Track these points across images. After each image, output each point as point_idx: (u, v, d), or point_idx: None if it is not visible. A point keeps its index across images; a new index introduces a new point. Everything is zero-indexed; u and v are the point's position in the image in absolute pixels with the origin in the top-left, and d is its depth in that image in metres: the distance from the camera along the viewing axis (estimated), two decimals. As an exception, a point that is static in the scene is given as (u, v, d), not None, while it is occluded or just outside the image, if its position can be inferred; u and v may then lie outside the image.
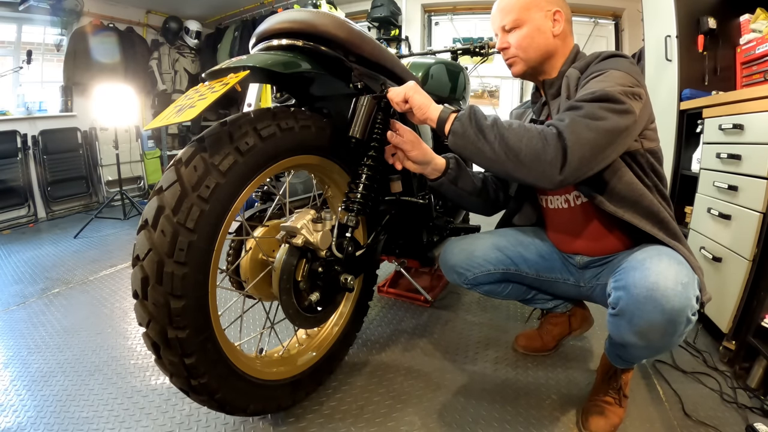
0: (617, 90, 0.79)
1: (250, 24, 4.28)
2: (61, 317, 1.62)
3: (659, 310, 0.72)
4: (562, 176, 0.77)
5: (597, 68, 0.88)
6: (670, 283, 0.72)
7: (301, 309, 0.94)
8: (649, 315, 0.73)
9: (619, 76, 0.84)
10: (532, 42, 0.98)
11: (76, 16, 3.67)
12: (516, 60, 1.01)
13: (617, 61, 0.88)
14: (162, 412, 1.07)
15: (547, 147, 0.76)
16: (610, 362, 1.04)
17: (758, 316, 1.17)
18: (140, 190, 4.24)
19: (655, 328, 0.74)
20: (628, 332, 0.79)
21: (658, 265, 0.75)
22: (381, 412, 1.07)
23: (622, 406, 1.03)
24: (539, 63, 1.00)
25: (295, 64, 0.87)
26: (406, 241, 1.41)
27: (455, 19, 4.15)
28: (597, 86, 0.82)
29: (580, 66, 0.94)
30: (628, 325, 0.78)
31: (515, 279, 1.17)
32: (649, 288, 0.73)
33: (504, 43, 1.01)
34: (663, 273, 0.74)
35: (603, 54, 0.92)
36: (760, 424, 0.99)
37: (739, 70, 1.83)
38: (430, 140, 1.42)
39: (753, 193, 1.19)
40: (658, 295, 0.72)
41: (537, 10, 0.97)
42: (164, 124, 0.80)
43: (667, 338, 0.76)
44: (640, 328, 0.76)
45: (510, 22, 0.98)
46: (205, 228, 0.74)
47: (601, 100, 0.78)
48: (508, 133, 0.80)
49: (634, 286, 0.75)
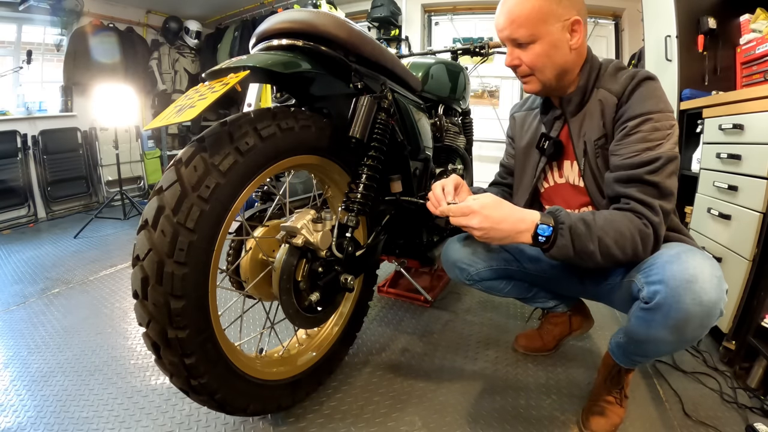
0: (670, 148, 0.82)
1: (250, 24, 4.28)
2: (61, 317, 1.62)
3: (698, 302, 0.72)
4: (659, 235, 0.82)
5: (638, 110, 0.84)
6: (707, 276, 0.73)
7: (301, 309, 0.94)
8: (687, 307, 0.73)
9: (663, 119, 0.83)
10: (548, 61, 0.89)
11: (76, 16, 3.67)
12: (531, 79, 0.94)
13: (651, 92, 0.85)
14: (162, 412, 1.07)
15: (646, 247, 0.81)
16: (615, 362, 1.02)
17: (758, 316, 1.17)
18: (140, 190, 4.24)
19: (692, 320, 0.74)
20: (661, 326, 0.78)
21: (694, 259, 0.76)
22: (381, 412, 1.07)
23: (623, 406, 1.03)
24: (556, 81, 0.93)
25: (295, 64, 0.87)
26: (406, 241, 1.41)
27: (455, 19, 4.15)
28: (651, 142, 0.82)
29: (616, 90, 0.88)
30: (663, 319, 0.77)
31: (517, 276, 1.17)
32: (688, 280, 0.73)
33: (514, 59, 0.92)
34: (700, 266, 0.74)
35: (635, 77, 0.86)
36: (760, 424, 0.99)
37: (739, 70, 1.82)
38: (430, 139, 1.42)
39: (753, 193, 1.19)
40: (697, 287, 0.72)
41: (554, 20, 0.86)
42: (164, 124, 0.80)
43: (699, 331, 0.77)
44: (677, 321, 0.75)
45: (523, 37, 0.88)
46: (205, 228, 0.74)
47: (667, 165, 0.81)
48: (608, 240, 0.80)
49: (672, 279, 0.74)
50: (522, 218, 0.82)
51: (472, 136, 1.97)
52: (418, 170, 1.32)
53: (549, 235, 0.81)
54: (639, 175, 0.81)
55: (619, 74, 0.91)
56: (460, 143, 1.71)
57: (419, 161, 1.33)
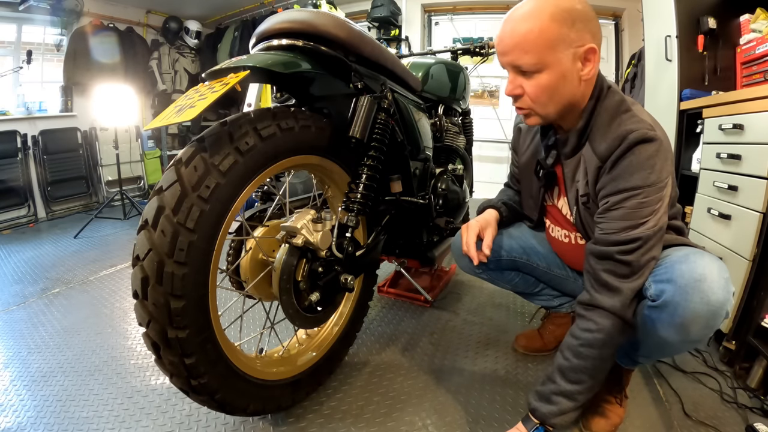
0: (653, 225, 0.76)
1: (250, 24, 4.28)
2: (61, 317, 1.62)
3: (705, 302, 0.72)
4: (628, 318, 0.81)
5: (622, 185, 0.77)
6: (715, 276, 0.72)
7: (301, 309, 0.94)
8: (695, 306, 0.72)
9: (653, 194, 0.76)
10: (554, 93, 0.79)
11: (76, 16, 3.67)
12: (530, 113, 0.84)
13: (643, 162, 0.75)
14: (162, 412, 1.07)
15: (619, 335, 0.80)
16: (616, 362, 1.02)
17: (758, 316, 1.17)
18: (140, 190, 4.24)
19: (698, 319, 0.73)
20: (667, 325, 0.77)
21: (703, 260, 0.75)
22: (381, 412, 1.07)
23: (623, 406, 1.03)
24: (559, 115, 0.84)
25: (295, 64, 0.87)
26: (406, 241, 1.41)
27: (455, 19, 4.15)
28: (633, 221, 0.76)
29: (600, 151, 0.80)
30: (670, 318, 0.76)
31: (525, 269, 1.17)
32: (696, 279, 0.72)
33: (516, 87, 0.81)
34: (709, 266, 0.74)
35: (626, 138, 0.76)
36: (760, 424, 0.99)
37: (739, 70, 1.82)
38: (430, 139, 1.42)
39: (753, 193, 1.19)
40: (705, 286, 0.71)
41: (564, 47, 0.75)
42: (164, 124, 0.80)
43: (704, 332, 0.76)
44: (683, 320, 0.74)
45: (527, 65, 0.77)
46: (205, 228, 0.74)
47: (647, 244, 0.77)
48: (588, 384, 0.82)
49: (681, 277, 0.73)
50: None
51: (472, 136, 1.98)
52: (418, 170, 1.32)
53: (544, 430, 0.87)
54: (611, 254, 0.78)
55: (612, 127, 0.79)
56: (460, 143, 1.71)
57: (419, 161, 1.33)
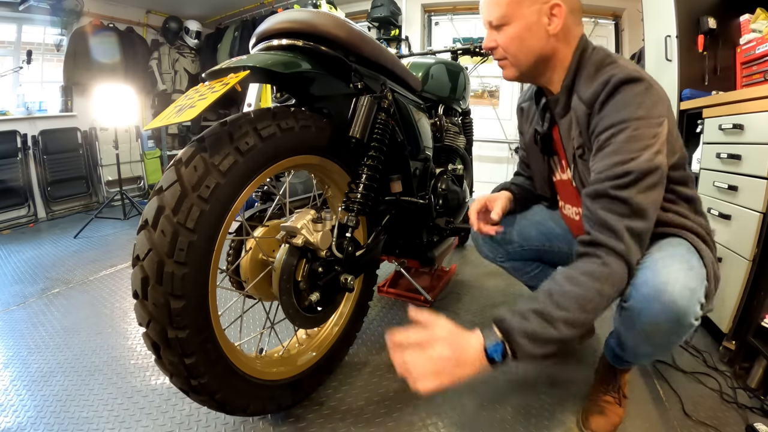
0: (648, 159, 0.71)
1: (250, 24, 4.28)
2: (61, 317, 1.62)
3: (665, 312, 0.72)
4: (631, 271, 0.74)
5: (610, 121, 0.76)
6: (678, 287, 0.71)
7: (301, 309, 0.94)
8: (654, 315, 0.73)
9: (644, 127, 0.73)
10: (522, 45, 0.85)
11: (76, 16, 3.67)
12: (505, 63, 0.90)
13: (629, 99, 0.75)
14: (162, 412, 1.07)
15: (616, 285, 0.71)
16: (609, 362, 1.04)
17: (758, 316, 1.17)
18: (140, 190, 4.24)
19: (659, 328, 0.74)
20: (633, 328, 0.78)
21: (670, 267, 0.73)
22: (381, 412, 1.07)
23: (622, 406, 1.03)
24: (533, 68, 0.88)
25: (295, 64, 0.87)
26: (406, 241, 1.41)
27: (455, 19, 4.14)
28: (625, 155, 0.73)
29: (587, 98, 0.81)
30: (632, 323, 0.77)
31: (547, 257, 1.16)
32: (657, 289, 0.72)
33: (491, 41, 0.89)
34: (672, 275, 0.72)
35: (609, 82, 0.77)
36: (760, 424, 0.99)
37: (739, 70, 1.82)
38: (430, 139, 1.42)
39: (753, 193, 1.19)
40: (665, 297, 0.71)
41: (530, 3, 0.82)
42: (164, 124, 0.80)
43: (669, 339, 0.76)
44: (645, 327, 0.75)
45: (496, 18, 0.85)
46: (205, 228, 0.74)
47: (642, 179, 0.72)
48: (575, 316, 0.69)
49: (644, 285, 0.74)
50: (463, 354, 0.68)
51: (472, 136, 1.98)
52: (418, 170, 1.32)
53: (502, 351, 0.70)
54: (604, 189, 0.74)
55: (597, 76, 0.81)
56: (460, 143, 1.71)
57: (419, 161, 1.33)
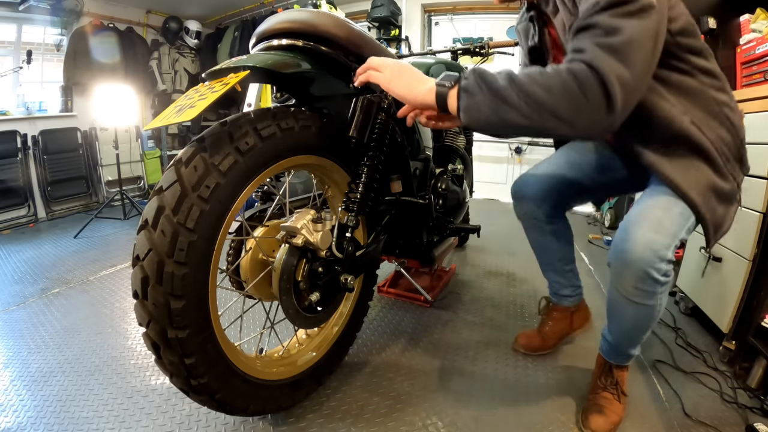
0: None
1: (250, 24, 4.28)
2: (61, 317, 1.62)
3: (629, 269, 0.80)
4: (613, 116, 0.65)
5: None
6: (639, 248, 0.78)
7: (301, 309, 0.94)
8: (620, 269, 0.82)
9: None
10: None
11: (76, 16, 3.67)
12: None
13: None
14: (162, 412, 1.07)
15: (584, 89, 0.64)
16: (605, 359, 1.06)
17: (758, 316, 1.17)
18: (140, 190, 4.24)
19: (627, 281, 0.82)
20: (611, 293, 0.89)
21: (642, 224, 0.80)
22: (381, 412, 1.07)
23: (621, 403, 1.03)
24: None
25: (295, 64, 0.87)
26: (406, 241, 1.41)
27: (455, 19, 4.14)
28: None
29: None
30: (610, 283, 0.88)
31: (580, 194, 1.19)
32: (622, 249, 0.81)
33: None
34: (637, 234, 0.79)
35: None
36: (760, 424, 0.99)
37: (739, 70, 1.82)
38: (430, 139, 1.42)
39: (753, 193, 1.19)
40: (628, 257, 0.80)
41: None
42: (164, 124, 0.80)
43: (640, 296, 0.83)
44: (617, 286, 0.85)
45: None
46: (205, 228, 0.74)
47: (612, 6, 0.65)
48: (533, 87, 0.65)
49: (614, 245, 0.83)
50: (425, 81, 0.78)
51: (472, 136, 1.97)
52: (418, 170, 1.32)
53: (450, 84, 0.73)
54: (587, 22, 0.68)
55: None
56: (460, 143, 1.71)
57: (419, 161, 1.33)
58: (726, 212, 0.84)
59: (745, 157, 0.88)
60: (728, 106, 0.84)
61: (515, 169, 4.14)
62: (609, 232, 2.85)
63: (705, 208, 0.81)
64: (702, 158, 0.82)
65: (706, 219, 0.81)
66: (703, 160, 0.82)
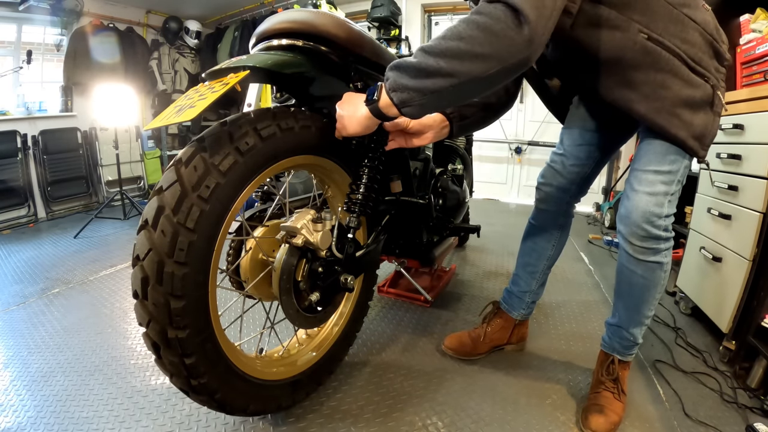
0: None
1: (250, 24, 4.28)
2: (61, 317, 1.62)
3: (632, 230, 0.91)
4: (528, 27, 0.63)
5: None
6: (639, 211, 0.89)
7: (301, 309, 0.94)
8: (626, 232, 0.93)
9: None
10: None
11: (76, 16, 3.67)
12: None
13: None
14: (162, 412, 1.07)
15: (488, 15, 0.64)
16: (607, 353, 1.08)
17: (758, 316, 1.17)
18: (140, 190, 4.24)
19: (633, 242, 0.92)
20: (621, 256, 0.99)
21: (637, 188, 0.90)
22: (381, 412, 1.07)
23: (621, 401, 1.03)
24: None
25: (295, 64, 0.87)
26: (406, 241, 1.41)
27: (455, 19, 4.14)
28: None
29: None
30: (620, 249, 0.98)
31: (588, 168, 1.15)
32: (623, 215, 0.93)
33: None
34: (635, 198, 0.90)
35: None
36: (760, 424, 0.99)
37: (739, 70, 1.82)
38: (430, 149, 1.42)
39: (753, 193, 1.19)
40: (629, 220, 0.91)
41: None
42: (164, 124, 0.80)
43: (645, 254, 0.93)
44: (624, 243, 0.95)
45: None
46: (205, 228, 0.74)
47: None
48: (444, 43, 0.66)
49: (621, 206, 0.94)
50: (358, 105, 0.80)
51: (472, 136, 1.98)
52: (418, 170, 1.33)
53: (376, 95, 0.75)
54: None
55: None
56: (460, 143, 1.71)
57: (419, 161, 1.33)
58: (705, 119, 0.84)
59: (722, 49, 0.85)
60: (686, 6, 0.81)
61: (515, 169, 4.14)
62: (609, 232, 2.85)
63: (677, 129, 0.83)
64: (667, 72, 0.81)
65: (681, 137, 0.83)
66: (669, 74, 0.81)
